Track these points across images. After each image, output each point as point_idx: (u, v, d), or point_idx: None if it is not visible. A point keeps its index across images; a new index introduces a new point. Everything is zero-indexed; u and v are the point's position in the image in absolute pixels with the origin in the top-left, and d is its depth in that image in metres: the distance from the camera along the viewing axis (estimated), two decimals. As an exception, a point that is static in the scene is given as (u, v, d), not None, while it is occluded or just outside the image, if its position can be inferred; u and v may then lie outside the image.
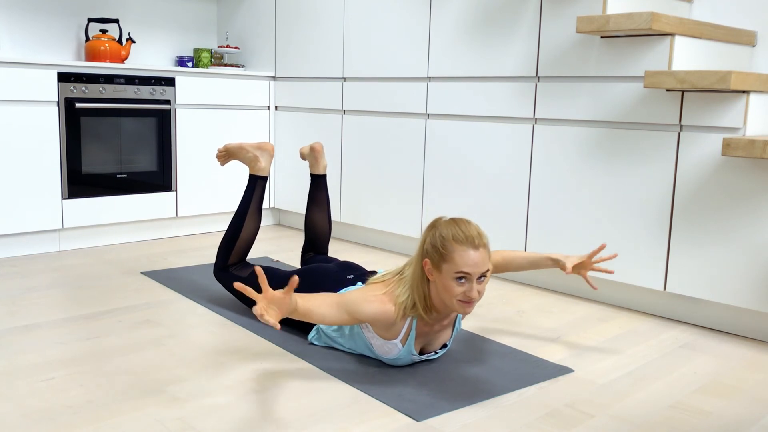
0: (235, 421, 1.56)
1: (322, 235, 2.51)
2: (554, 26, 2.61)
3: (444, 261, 1.70)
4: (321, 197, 2.52)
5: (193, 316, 2.31)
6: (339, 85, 3.49)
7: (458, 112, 2.97)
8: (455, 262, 1.69)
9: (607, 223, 2.52)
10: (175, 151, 3.51)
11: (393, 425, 1.57)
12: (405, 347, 1.82)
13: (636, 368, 1.96)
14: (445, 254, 1.70)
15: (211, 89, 3.60)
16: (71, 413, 1.58)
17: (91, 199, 3.24)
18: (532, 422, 1.61)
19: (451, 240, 1.70)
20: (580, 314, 2.45)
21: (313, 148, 2.53)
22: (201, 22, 4.17)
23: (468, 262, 1.68)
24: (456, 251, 1.69)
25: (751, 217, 2.17)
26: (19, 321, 2.20)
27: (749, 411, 1.71)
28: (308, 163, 2.57)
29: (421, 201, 3.17)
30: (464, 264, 1.68)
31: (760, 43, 2.65)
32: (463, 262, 1.68)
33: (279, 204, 3.93)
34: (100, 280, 2.70)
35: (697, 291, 2.31)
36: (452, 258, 1.69)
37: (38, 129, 3.05)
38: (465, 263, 1.68)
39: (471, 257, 1.69)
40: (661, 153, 2.36)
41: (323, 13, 3.54)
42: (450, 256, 1.69)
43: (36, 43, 3.54)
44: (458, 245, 1.69)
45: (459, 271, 1.68)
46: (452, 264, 1.69)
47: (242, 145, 2.43)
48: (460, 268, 1.68)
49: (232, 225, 2.35)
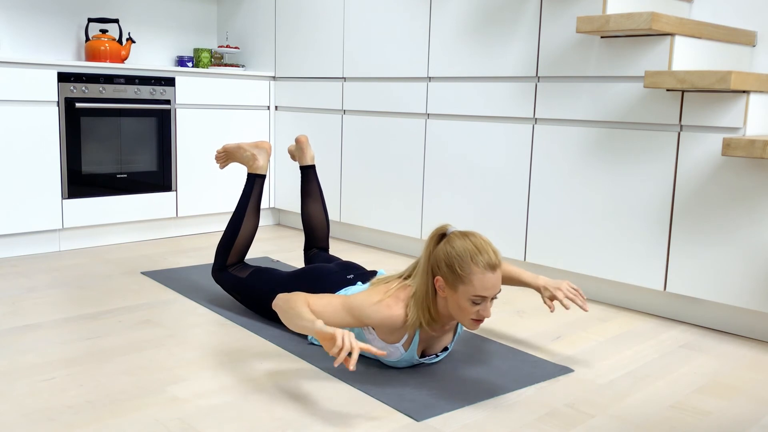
0: (235, 421, 1.56)
1: (320, 226, 2.50)
2: (554, 26, 2.61)
3: (461, 283, 1.65)
4: (313, 188, 2.51)
5: (193, 316, 2.31)
6: (339, 85, 3.49)
7: (458, 112, 2.97)
8: (474, 286, 1.64)
9: (607, 223, 2.52)
10: (175, 151, 3.51)
11: (393, 425, 1.57)
12: (407, 352, 1.82)
13: (636, 368, 1.96)
14: (464, 276, 1.64)
15: (211, 89, 3.60)
16: (71, 413, 1.58)
17: (91, 199, 3.24)
18: (532, 422, 1.61)
19: (470, 262, 1.64)
20: (580, 314, 2.45)
21: (298, 140, 2.53)
22: (201, 22, 4.17)
23: (487, 286, 1.65)
24: (475, 275, 1.64)
25: (751, 217, 2.17)
26: (19, 321, 2.20)
27: (749, 411, 1.71)
28: (296, 157, 2.58)
29: (421, 201, 3.17)
30: (483, 288, 1.64)
31: (760, 43, 2.65)
32: (482, 287, 1.64)
33: (279, 204, 3.93)
34: (100, 280, 2.70)
35: (697, 291, 2.31)
36: (471, 281, 1.64)
37: (38, 129, 3.05)
38: (484, 287, 1.64)
39: (490, 281, 1.65)
40: (661, 153, 2.36)
41: (323, 13, 3.54)
42: (468, 278, 1.64)
43: (36, 43, 3.54)
44: (477, 268, 1.64)
45: (477, 295, 1.65)
46: (470, 287, 1.64)
47: (240, 145, 2.44)
48: (478, 292, 1.64)
49: (230, 224, 2.35)
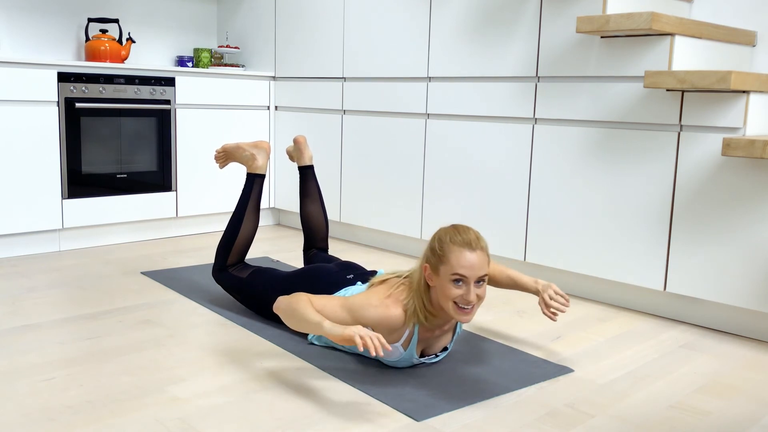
0: (235, 421, 1.56)
1: (319, 227, 2.51)
2: (554, 26, 2.61)
3: (441, 263, 1.71)
4: (312, 188, 2.52)
5: (193, 316, 2.31)
6: (339, 85, 3.49)
7: (458, 112, 2.97)
8: (451, 264, 1.69)
9: (607, 223, 2.52)
10: (175, 151, 3.51)
11: (393, 425, 1.57)
12: (407, 352, 1.82)
13: (636, 368, 1.96)
14: (442, 256, 1.71)
15: (211, 89, 3.60)
16: (71, 413, 1.58)
17: (91, 199, 3.24)
18: (532, 422, 1.61)
19: (449, 242, 1.71)
20: (580, 314, 2.45)
21: (296, 140, 2.54)
22: (201, 22, 4.17)
23: (464, 264, 1.68)
24: (452, 252, 1.70)
25: (751, 217, 2.17)
26: (19, 321, 2.20)
27: (749, 411, 1.71)
28: (295, 158, 2.58)
29: (421, 201, 3.17)
30: (460, 266, 1.68)
31: (760, 43, 2.65)
32: (459, 264, 1.69)
33: (278, 204, 3.93)
34: (100, 280, 2.70)
35: (697, 291, 2.31)
36: (448, 259, 1.70)
37: (38, 129, 3.05)
38: (461, 264, 1.68)
39: (467, 258, 1.69)
40: (661, 153, 2.36)
41: (323, 13, 3.54)
42: (446, 257, 1.70)
43: (36, 43, 3.54)
44: (455, 246, 1.70)
45: (455, 273, 1.69)
46: (449, 266, 1.70)
47: (239, 145, 2.44)
48: (455, 270, 1.69)
49: (230, 224, 2.35)
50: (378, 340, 1.62)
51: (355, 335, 1.62)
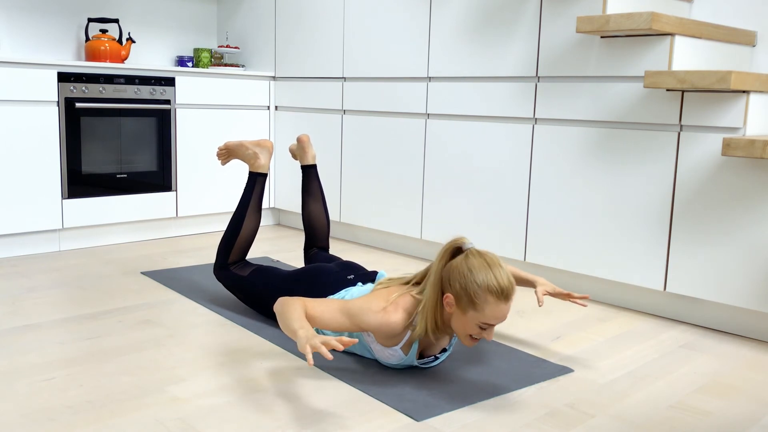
0: (235, 421, 1.56)
1: (321, 226, 2.50)
2: (554, 26, 2.61)
3: (473, 309, 1.65)
4: (314, 188, 2.52)
5: (193, 316, 2.31)
6: (339, 85, 3.49)
7: (458, 112, 2.97)
8: (485, 315, 1.64)
9: (607, 223, 2.52)
10: (175, 151, 3.51)
11: (393, 425, 1.57)
12: (407, 356, 1.82)
13: (636, 368, 1.96)
14: (477, 304, 1.64)
15: (211, 89, 3.60)
16: (71, 413, 1.58)
17: (91, 199, 3.24)
18: (532, 422, 1.61)
19: (486, 291, 1.63)
20: (580, 314, 2.45)
21: (300, 139, 2.54)
22: (201, 22, 4.17)
23: (498, 316, 1.65)
24: (489, 304, 1.63)
25: (751, 217, 2.17)
26: (19, 321, 2.20)
27: (749, 411, 1.71)
28: (298, 156, 2.58)
29: (421, 201, 3.17)
30: (494, 318, 1.65)
31: (760, 43, 2.65)
32: (494, 316, 1.64)
33: (279, 204, 3.93)
34: (100, 280, 2.70)
35: (697, 291, 2.31)
36: (483, 309, 1.64)
37: (38, 129, 3.05)
38: (495, 317, 1.65)
39: (502, 311, 1.65)
40: (661, 153, 2.36)
41: (323, 13, 3.54)
42: (481, 306, 1.63)
43: (36, 43, 3.54)
44: (491, 297, 1.63)
45: (486, 323, 1.66)
46: (481, 314, 1.64)
47: (242, 143, 2.44)
48: (488, 321, 1.65)
49: (231, 223, 2.35)
50: (335, 340, 1.52)
51: (307, 354, 1.50)
